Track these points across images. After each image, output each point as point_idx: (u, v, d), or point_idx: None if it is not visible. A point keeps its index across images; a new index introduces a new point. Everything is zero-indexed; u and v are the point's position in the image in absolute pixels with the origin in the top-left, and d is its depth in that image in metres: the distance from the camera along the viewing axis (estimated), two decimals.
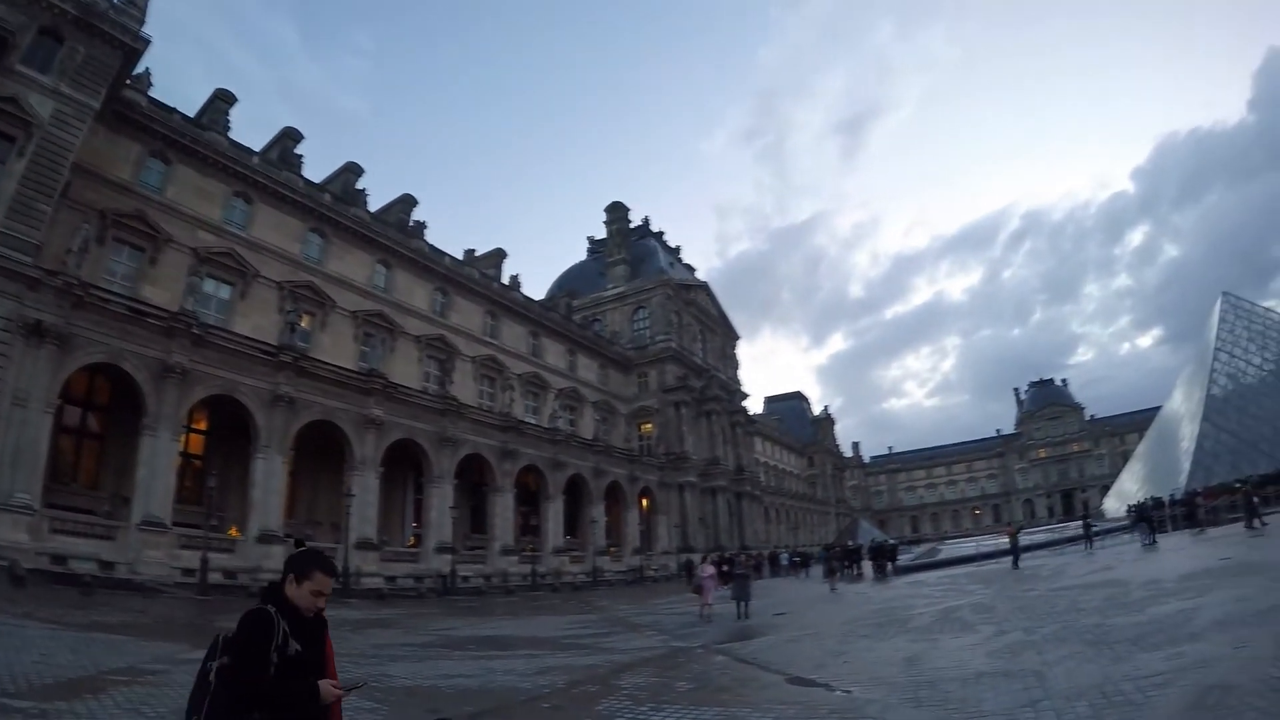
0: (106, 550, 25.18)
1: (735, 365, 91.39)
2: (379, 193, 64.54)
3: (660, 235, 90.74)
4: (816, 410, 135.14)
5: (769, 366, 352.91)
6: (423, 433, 39.68)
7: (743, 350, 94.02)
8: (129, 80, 32.49)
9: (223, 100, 41.08)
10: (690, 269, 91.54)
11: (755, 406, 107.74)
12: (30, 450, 23.73)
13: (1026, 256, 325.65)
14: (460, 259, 56.92)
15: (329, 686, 3.44)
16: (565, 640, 19.02)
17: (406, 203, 53.69)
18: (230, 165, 37.55)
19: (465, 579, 38.87)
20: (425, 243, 51.09)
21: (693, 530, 66.25)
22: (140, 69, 33.12)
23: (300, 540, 4.04)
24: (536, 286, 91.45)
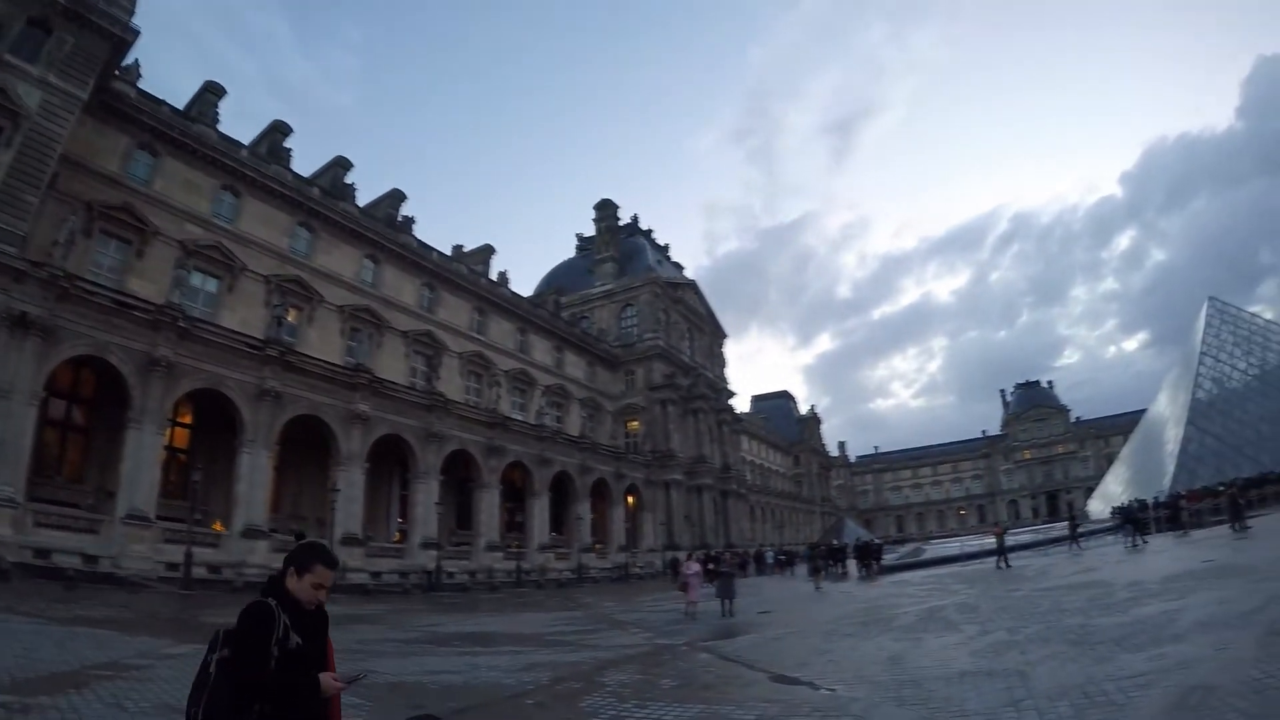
0: (90, 544, 25.04)
1: (722, 364, 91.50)
2: (368, 187, 64.57)
3: (649, 233, 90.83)
4: (803, 410, 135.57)
5: (756, 365, 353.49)
6: (409, 428, 39.59)
7: (730, 349, 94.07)
8: (117, 71, 32.33)
9: (211, 93, 40.79)
10: (678, 267, 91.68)
11: (742, 405, 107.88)
12: (14, 443, 23.57)
13: (1014, 259, 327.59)
14: (449, 255, 56.93)
15: (329, 680, 3.43)
16: (550, 637, 19.01)
17: (395, 198, 53.44)
18: (218, 158, 37.40)
19: (450, 575, 38.80)
20: (414, 238, 51.01)
21: (678, 528, 66.32)
22: (129, 60, 32.98)
23: (300, 533, 4.03)
24: (525, 283, 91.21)
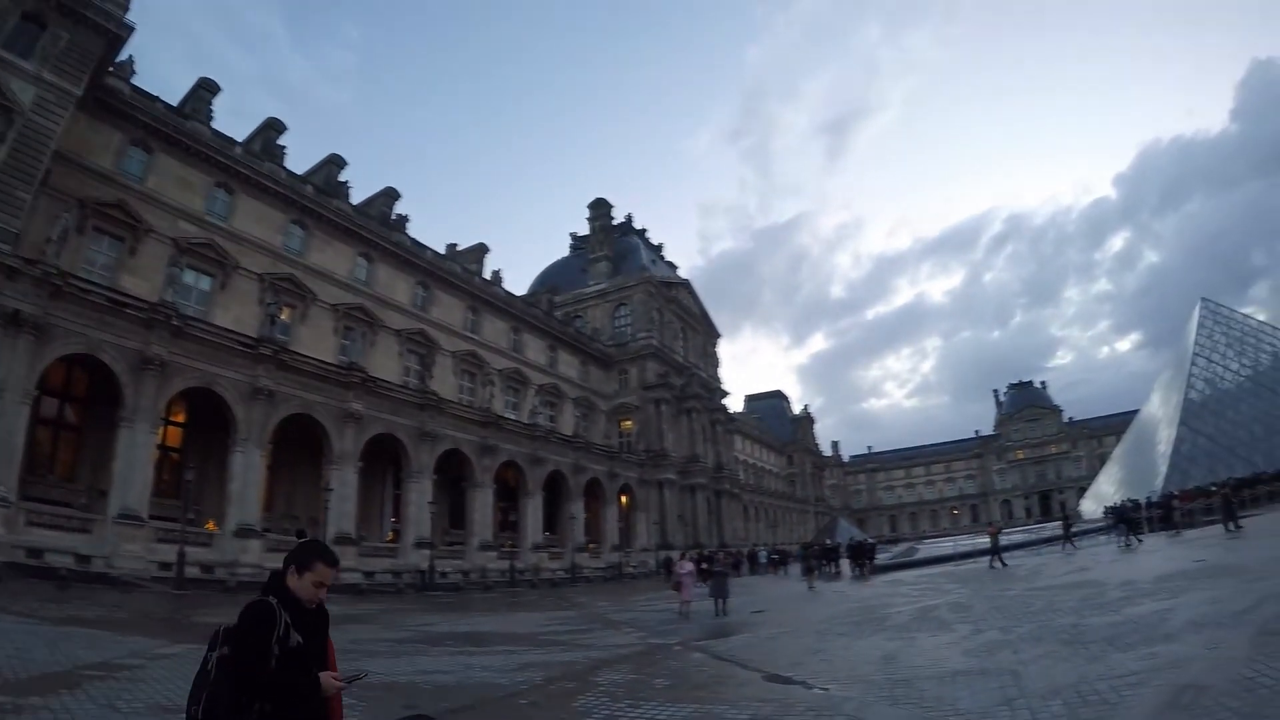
0: (83, 543, 24.94)
1: (716, 363, 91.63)
2: (362, 186, 64.12)
3: (643, 232, 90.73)
4: (796, 409, 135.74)
5: (750, 365, 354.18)
6: (402, 427, 39.50)
7: (724, 349, 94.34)
8: (112, 68, 32.23)
9: (206, 90, 40.65)
10: (672, 266, 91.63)
11: (735, 405, 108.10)
12: (6, 442, 23.44)
13: (1008, 260, 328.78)
14: (442, 253, 56.85)
15: (330, 679, 3.43)
16: (543, 637, 19.00)
17: (389, 196, 53.35)
18: (212, 155, 37.29)
19: (444, 575, 38.69)
20: (407, 236, 50.90)
21: (672, 527, 66.32)
22: (123, 56, 32.87)
23: (302, 531, 4.03)
24: (519, 282, 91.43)
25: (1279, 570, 14.62)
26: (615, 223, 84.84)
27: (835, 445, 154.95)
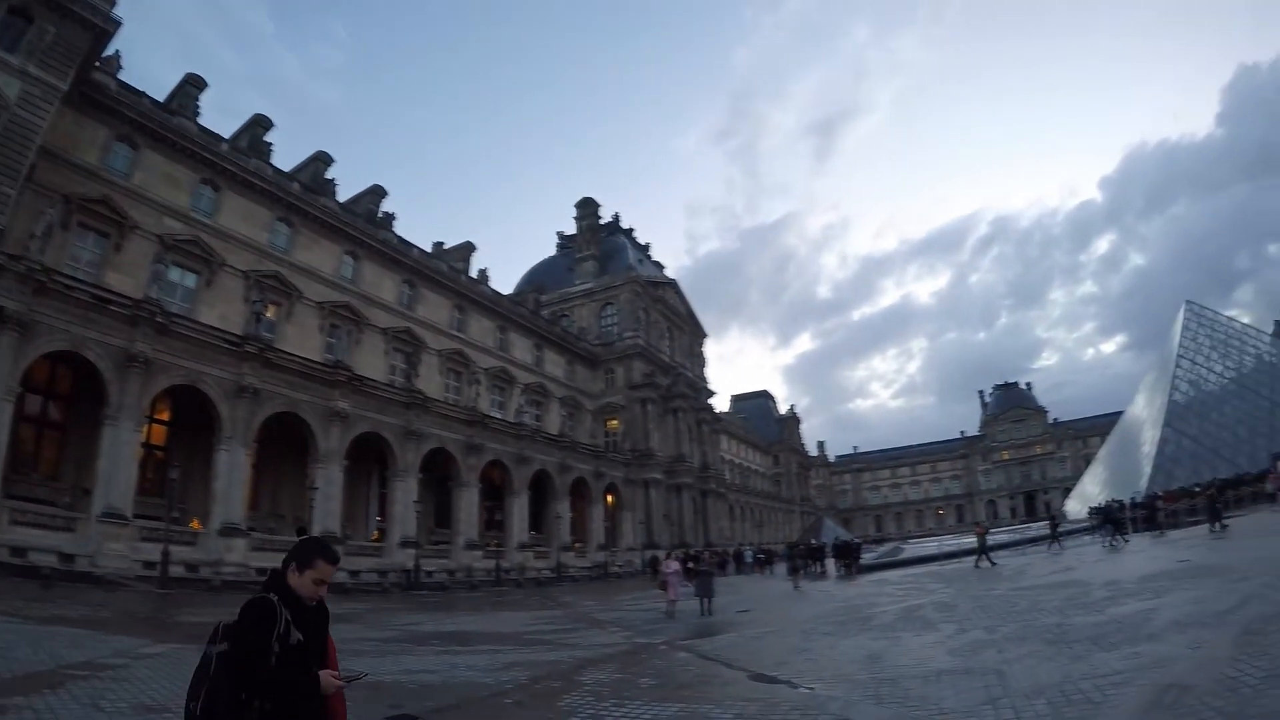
0: (67, 542, 24.74)
1: (702, 363, 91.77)
2: (349, 183, 64.29)
3: (630, 232, 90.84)
4: (783, 409, 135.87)
5: (736, 365, 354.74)
6: (388, 426, 39.37)
7: (710, 349, 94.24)
8: (98, 62, 31.99)
9: (193, 85, 40.48)
10: (659, 266, 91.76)
11: (722, 405, 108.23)
12: None
13: (994, 262, 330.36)
14: (429, 251, 56.75)
15: (329, 677, 3.43)
16: (529, 636, 19.00)
17: (376, 194, 53.22)
18: (198, 151, 37.06)
19: (429, 574, 38.60)
20: (394, 234, 50.80)
21: (658, 527, 66.38)
22: (109, 51, 32.61)
23: (303, 529, 4.02)
24: (505, 281, 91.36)
25: (1262, 570, 14.70)
26: (602, 222, 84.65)
27: (821, 445, 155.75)
